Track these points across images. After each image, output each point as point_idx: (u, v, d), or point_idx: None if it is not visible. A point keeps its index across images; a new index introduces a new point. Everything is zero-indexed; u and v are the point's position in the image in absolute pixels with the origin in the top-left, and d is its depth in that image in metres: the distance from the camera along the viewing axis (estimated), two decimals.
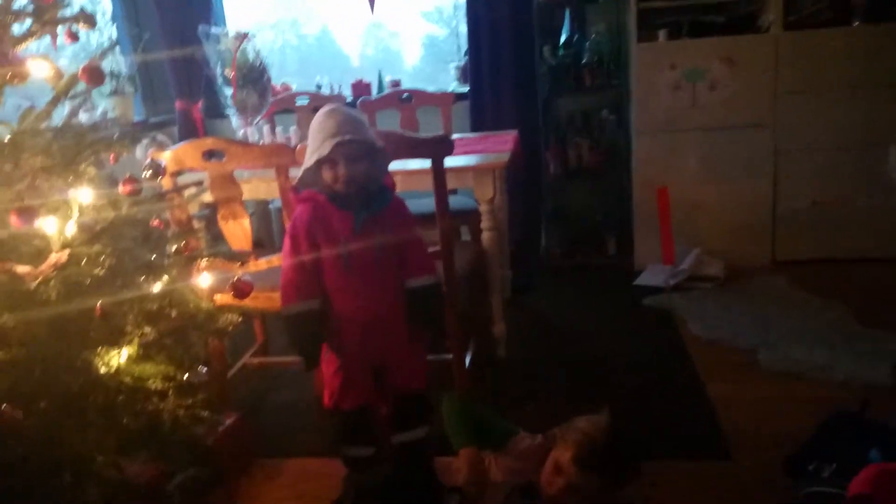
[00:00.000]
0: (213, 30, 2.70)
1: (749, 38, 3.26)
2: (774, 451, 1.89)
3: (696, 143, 3.37)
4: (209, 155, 2.08)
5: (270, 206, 3.48)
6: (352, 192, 1.70)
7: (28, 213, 1.47)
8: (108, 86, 3.44)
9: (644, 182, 3.46)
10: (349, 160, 1.65)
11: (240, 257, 1.86)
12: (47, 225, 1.50)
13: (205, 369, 1.69)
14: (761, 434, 2.08)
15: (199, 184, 1.97)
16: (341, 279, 1.76)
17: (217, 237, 2.29)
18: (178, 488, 1.91)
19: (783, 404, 2.25)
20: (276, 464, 2.13)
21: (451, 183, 2.24)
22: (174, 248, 1.83)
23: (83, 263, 1.54)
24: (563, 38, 3.58)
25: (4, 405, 1.35)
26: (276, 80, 3.92)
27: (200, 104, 3.62)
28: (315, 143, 1.65)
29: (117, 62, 3.39)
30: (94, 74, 1.64)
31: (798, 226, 3.41)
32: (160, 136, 2.93)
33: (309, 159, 1.66)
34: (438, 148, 1.99)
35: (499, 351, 2.68)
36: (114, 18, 3.79)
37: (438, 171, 2.02)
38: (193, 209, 2.35)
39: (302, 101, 3.54)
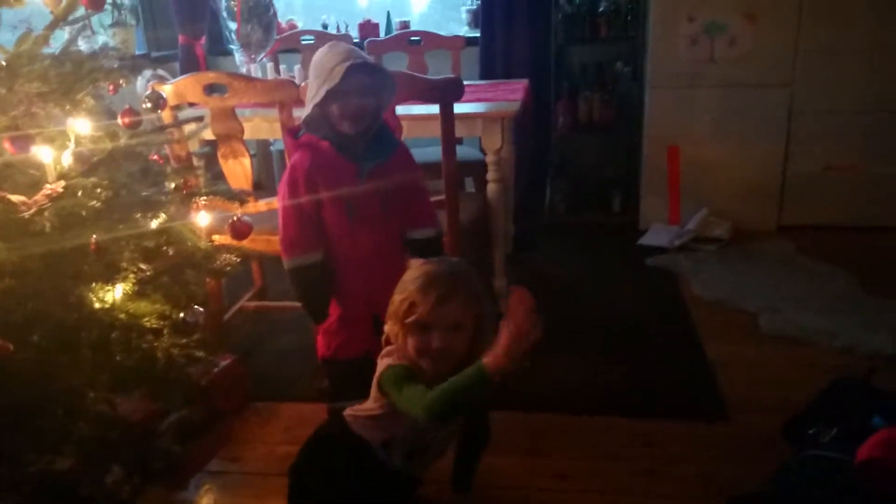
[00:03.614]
0: None
1: None
2: (772, 415, 1.87)
3: (710, 101, 3.29)
4: (210, 89, 2.01)
5: (272, 148, 3.41)
6: (359, 133, 1.63)
7: (23, 141, 1.43)
8: (109, 17, 3.35)
9: (655, 139, 3.39)
10: (361, 91, 1.58)
11: (239, 197, 1.80)
12: (43, 154, 1.45)
13: (201, 309, 1.65)
14: (760, 397, 2.07)
15: (199, 119, 1.91)
16: (345, 229, 1.72)
17: (217, 176, 2.24)
18: (171, 427, 1.91)
19: (783, 368, 2.23)
20: (271, 407, 2.12)
21: (458, 131, 2.17)
22: (173, 184, 1.77)
23: (79, 195, 1.50)
24: None
25: None
26: (282, 18, 3.82)
27: (203, 40, 3.54)
28: (323, 75, 1.57)
29: None
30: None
31: (808, 190, 3.35)
32: (161, 71, 2.85)
33: (318, 93, 1.58)
34: (448, 91, 1.92)
35: (498, 306, 2.65)
36: None
37: (447, 116, 1.96)
38: (193, 146, 2.30)
39: (307, 41, 3.44)
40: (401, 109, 2.14)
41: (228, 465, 1.89)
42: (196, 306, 1.64)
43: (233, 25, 2.63)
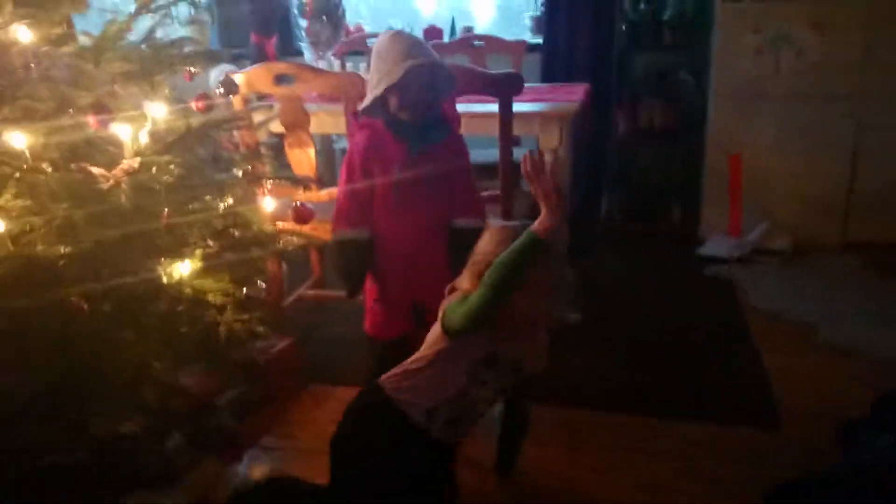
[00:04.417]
0: None
1: (841, 3, 3.08)
2: (827, 425, 1.83)
3: (775, 112, 3.24)
4: (280, 80, 2.09)
5: (335, 146, 3.50)
6: (415, 120, 1.68)
7: (104, 112, 1.51)
8: (186, 13, 3.49)
9: (717, 148, 3.35)
10: (420, 85, 1.63)
11: (303, 182, 1.87)
12: (122, 132, 1.53)
13: (263, 285, 1.72)
14: (815, 407, 2.03)
15: (269, 107, 1.99)
16: (390, 210, 1.76)
17: (283, 167, 2.32)
18: (230, 403, 1.98)
19: (840, 380, 2.18)
20: (326, 390, 2.17)
21: (516, 129, 2.19)
22: (241, 171, 1.85)
23: (153, 171, 1.57)
24: None
25: (74, 297, 1.40)
26: (350, 22, 3.91)
27: (275, 40, 3.65)
28: (384, 69, 1.62)
29: None
30: None
31: (875, 206, 3.26)
32: (233, 67, 2.96)
33: (378, 86, 1.63)
34: (507, 85, 1.95)
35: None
36: None
37: (505, 110, 1.98)
38: (262, 136, 2.38)
39: (373, 43, 3.51)
40: (461, 108, 2.17)
41: (281, 442, 1.95)
42: (259, 282, 1.70)
43: (303, 23, 2.72)
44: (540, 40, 3.59)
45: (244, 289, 1.71)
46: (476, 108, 2.27)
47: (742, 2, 3.16)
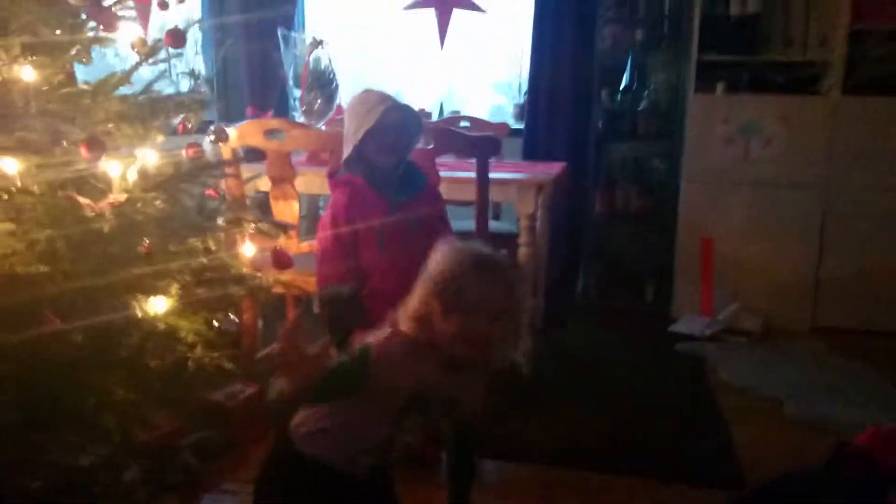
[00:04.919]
0: (292, 34, 2.86)
1: (807, 98, 3.29)
2: None
3: (744, 198, 3.38)
4: (270, 134, 2.19)
5: (321, 212, 3.58)
6: (392, 167, 1.77)
7: (97, 146, 1.58)
8: (186, 86, 3.65)
9: (689, 231, 3.47)
10: (396, 127, 1.74)
11: (284, 227, 1.94)
12: (111, 168, 1.61)
13: (236, 320, 1.75)
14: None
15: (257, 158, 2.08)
16: (375, 261, 1.82)
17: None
18: (192, 446, 1.97)
19: (806, 451, 2.19)
20: None
21: (494, 196, 2.30)
22: (225, 220, 1.91)
23: (138, 206, 1.64)
24: (622, 84, 3.67)
25: (47, 312, 1.43)
26: (344, 102, 4.08)
27: (271, 113, 3.80)
28: (358, 119, 1.74)
29: (198, 63, 3.60)
30: (177, 38, 1.78)
31: (842, 292, 3.35)
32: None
33: (357, 133, 1.74)
34: (485, 146, 2.06)
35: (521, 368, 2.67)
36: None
37: (482, 170, 2.08)
38: (248, 191, 2.46)
39: None
40: (442, 173, 2.27)
41: (242, 487, 1.93)
42: (231, 316, 1.74)
43: (297, 93, 2.86)
44: (521, 126, 3.77)
45: (216, 323, 1.75)
46: (457, 174, 2.38)
47: (713, 94, 3.35)
